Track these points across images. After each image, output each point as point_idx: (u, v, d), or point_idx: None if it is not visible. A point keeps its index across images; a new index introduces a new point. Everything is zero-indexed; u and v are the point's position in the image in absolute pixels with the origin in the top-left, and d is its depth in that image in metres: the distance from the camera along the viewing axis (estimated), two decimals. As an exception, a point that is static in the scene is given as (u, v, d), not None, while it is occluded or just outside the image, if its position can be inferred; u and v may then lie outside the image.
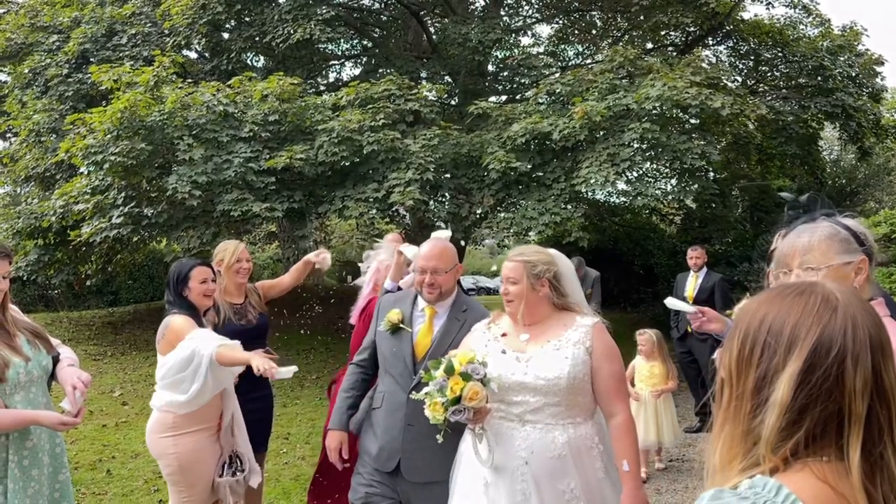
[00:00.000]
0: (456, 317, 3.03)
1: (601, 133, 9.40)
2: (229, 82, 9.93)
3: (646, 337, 5.61)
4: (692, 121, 10.12)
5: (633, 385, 5.54)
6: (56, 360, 2.79)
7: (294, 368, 3.15)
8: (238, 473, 3.42)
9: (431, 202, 10.16)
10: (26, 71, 11.96)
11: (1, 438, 2.46)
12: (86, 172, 9.83)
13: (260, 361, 3.05)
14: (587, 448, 2.51)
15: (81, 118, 9.34)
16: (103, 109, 8.90)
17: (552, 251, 2.72)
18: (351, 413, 3.11)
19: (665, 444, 5.63)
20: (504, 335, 2.67)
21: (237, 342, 3.30)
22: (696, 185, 10.28)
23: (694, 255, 7.16)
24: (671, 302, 2.85)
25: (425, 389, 2.44)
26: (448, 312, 3.04)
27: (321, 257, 4.43)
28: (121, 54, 11.44)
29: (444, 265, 2.98)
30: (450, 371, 2.39)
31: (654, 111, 9.06)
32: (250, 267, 4.17)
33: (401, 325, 3.01)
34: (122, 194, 9.55)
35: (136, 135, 8.76)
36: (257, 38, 11.70)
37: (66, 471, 2.75)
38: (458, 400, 2.34)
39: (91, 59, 11.47)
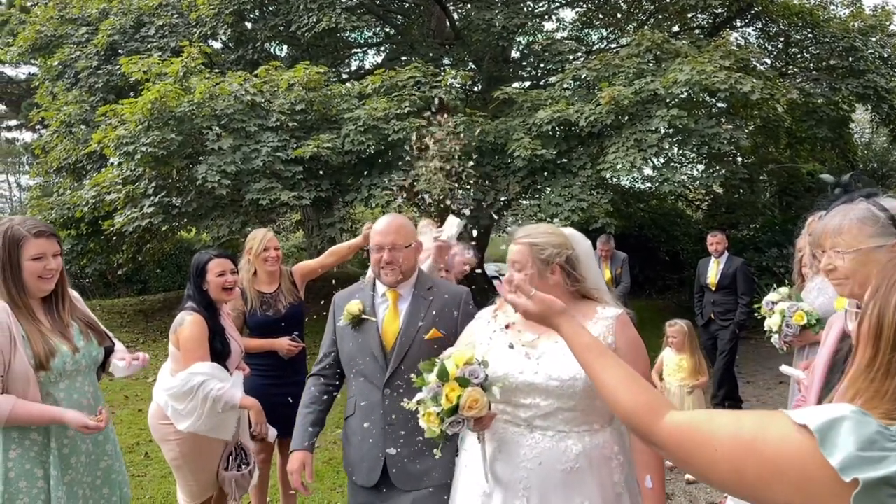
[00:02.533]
0: (422, 295, 2.73)
1: (627, 118, 9.32)
2: (256, 72, 10.01)
3: (677, 328, 5.27)
4: (720, 105, 9.98)
5: (661, 379, 5.28)
6: (109, 351, 2.82)
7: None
8: (243, 467, 3.42)
9: (457, 190, 10.17)
10: (56, 63, 12.16)
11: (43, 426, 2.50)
12: (117, 163, 10.00)
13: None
14: (605, 459, 2.17)
15: (113, 109, 9.49)
16: (134, 100, 9.03)
17: (568, 230, 2.35)
18: (314, 431, 2.74)
19: None
20: (509, 326, 2.31)
21: (231, 379, 3.33)
22: (723, 170, 10.17)
23: (714, 240, 7.07)
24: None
25: (418, 396, 2.12)
26: (412, 293, 2.74)
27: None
28: (149, 45, 11.58)
29: (403, 240, 2.68)
30: (443, 376, 2.06)
31: (681, 95, 8.95)
32: (279, 255, 4.16)
33: (363, 316, 2.71)
34: (153, 184, 9.71)
35: (166, 125, 8.88)
36: (282, 28, 11.75)
37: (109, 459, 2.74)
38: (455, 409, 2.03)
39: (120, 51, 11.63)
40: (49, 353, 2.50)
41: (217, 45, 13.32)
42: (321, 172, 9.58)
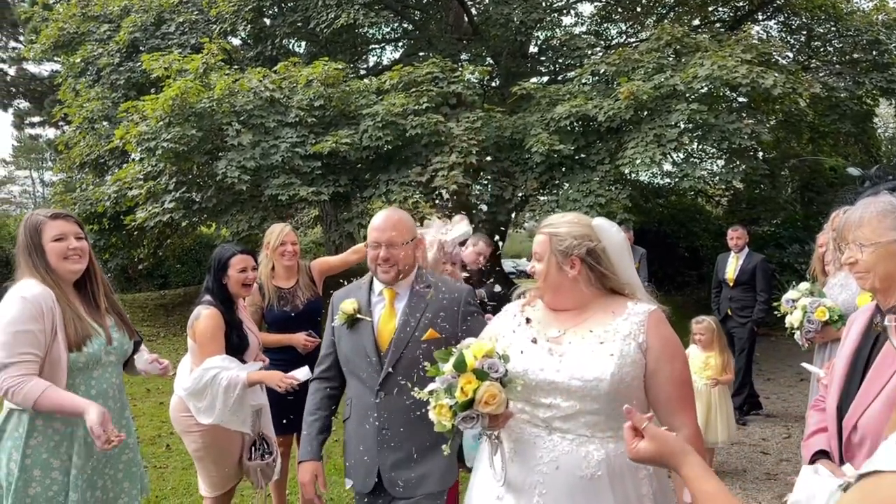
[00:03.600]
0: (420, 294, 2.59)
1: (646, 113, 9.25)
2: (275, 68, 10.07)
3: (705, 325, 5.10)
4: (741, 99, 9.87)
5: None
6: (137, 345, 2.85)
7: (305, 370, 3.29)
8: (267, 456, 3.45)
9: (474, 185, 10.19)
10: (79, 60, 12.32)
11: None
12: (138, 159, 10.12)
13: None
14: (632, 469, 1.96)
15: (135, 106, 9.60)
16: (155, 97, 9.12)
17: (597, 221, 2.15)
18: (322, 438, 2.65)
19: (719, 443, 5.15)
20: (530, 321, 2.17)
21: (252, 366, 3.37)
22: (744, 166, 10.06)
23: (735, 235, 6.97)
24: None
25: (430, 386, 1.98)
26: (409, 291, 2.61)
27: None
28: (169, 42, 11.69)
29: (401, 237, 2.53)
30: (460, 367, 1.93)
31: (702, 90, 8.87)
32: (296, 250, 4.16)
33: (358, 316, 2.59)
34: (174, 180, 9.81)
35: (187, 121, 8.96)
36: (300, 24, 11.80)
37: (131, 451, 2.77)
38: (469, 403, 1.89)
39: (141, 48, 11.76)
40: (84, 336, 2.54)
41: (236, 41, 13.42)
42: (339, 168, 9.63)
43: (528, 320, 2.18)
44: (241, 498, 4.61)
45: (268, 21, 12.71)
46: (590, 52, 11.96)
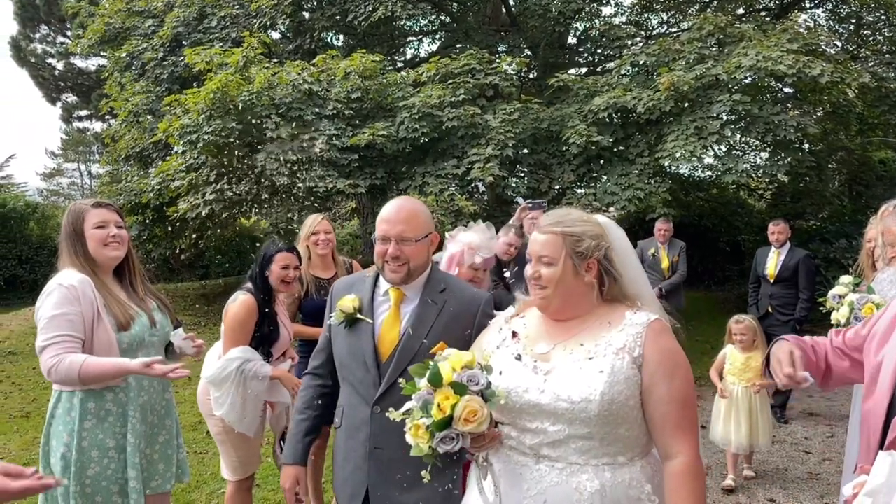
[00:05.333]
0: (431, 299, 2.27)
1: (687, 105, 9.07)
2: (313, 61, 10.16)
3: (745, 325, 4.86)
4: (786, 90, 9.61)
5: (721, 378, 4.95)
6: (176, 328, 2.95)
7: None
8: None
9: (511, 178, 10.14)
10: (124, 55, 12.62)
11: (120, 395, 2.62)
12: (180, 151, 10.33)
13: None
14: (632, 501, 1.77)
15: (177, 99, 9.80)
16: (197, 91, 9.29)
17: (602, 218, 1.97)
18: (308, 441, 2.40)
19: (759, 448, 4.99)
20: (516, 335, 1.95)
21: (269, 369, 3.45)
22: (789, 158, 9.80)
23: (776, 229, 6.76)
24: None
25: (406, 405, 1.75)
26: (420, 295, 2.29)
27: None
28: (211, 36, 11.89)
29: (414, 231, 2.21)
30: (436, 380, 1.70)
31: (745, 81, 8.66)
32: (329, 239, 4.22)
33: (358, 316, 2.29)
34: (214, 172, 9.99)
35: (227, 114, 9.11)
36: (338, 17, 11.88)
37: (168, 434, 2.84)
38: (448, 422, 1.67)
39: (183, 42, 11.98)
40: (127, 318, 2.63)
41: (276, 35, 13.57)
42: (376, 160, 9.68)
43: (514, 334, 1.96)
44: (257, 489, 4.70)
45: (307, 15, 12.83)
46: (630, 43, 11.77)
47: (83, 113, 29.36)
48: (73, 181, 49.31)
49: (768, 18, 12.09)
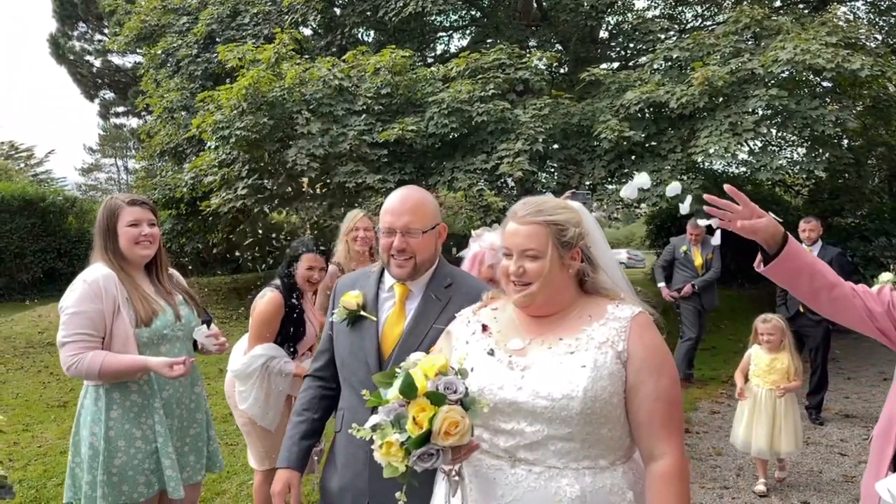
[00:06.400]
0: (435, 294, 2.15)
1: (722, 100, 8.92)
2: (344, 57, 10.21)
3: (772, 325, 4.66)
4: (825, 84, 9.39)
5: (745, 379, 4.75)
6: (206, 325, 2.97)
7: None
8: (321, 441, 3.60)
9: (540, 173, 10.07)
10: (159, 52, 12.83)
11: (144, 388, 2.67)
12: (213, 147, 10.48)
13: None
14: None
15: (210, 95, 9.93)
16: (230, 87, 9.41)
17: (575, 203, 1.83)
18: (305, 445, 2.25)
19: (783, 454, 4.69)
20: (486, 328, 1.81)
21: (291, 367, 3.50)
22: (827, 154, 9.58)
23: (807, 227, 6.54)
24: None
25: (373, 419, 1.59)
26: (424, 290, 2.17)
27: None
28: (244, 33, 12.03)
29: (421, 223, 2.09)
30: (409, 391, 1.52)
31: (782, 75, 8.47)
32: (368, 237, 4.26)
33: (361, 313, 2.17)
34: (246, 167, 10.12)
35: (259, 110, 9.21)
36: (369, 13, 11.92)
37: (198, 427, 2.85)
38: (426, 438, 1.49)
39: (217, 39, 12.14)
40: (151, 312, 2.68)
41: (307, 31, 13.67)
42: (405, 156, 9.70)
43: (484, 327, 1.81)
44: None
45: (338, 11, 12.90)
46: (663, 37, 11.61)
47: (120, 109, 29.99)
48: (110, 176, 50.48)
49: (806, 11, 11.80)
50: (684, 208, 2.66)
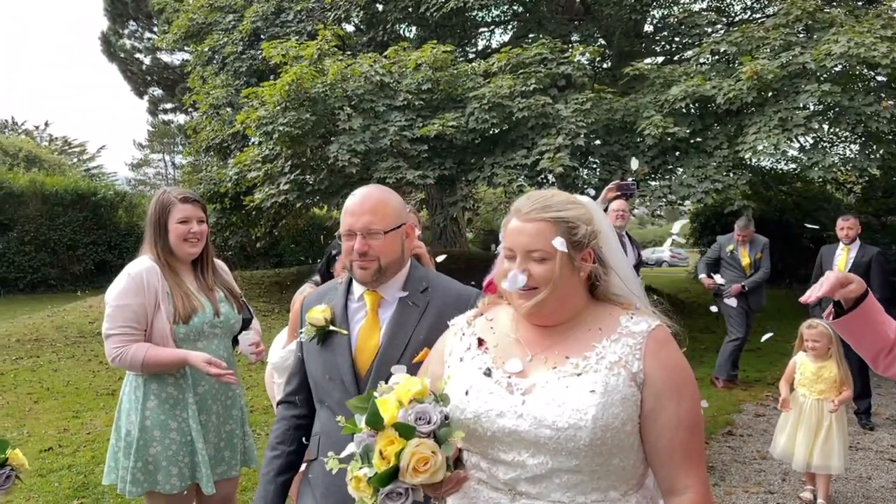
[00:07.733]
0: (412, 300, 2.00)
1: (771, 95, 8.67)
2: (385, 53, 10.26)
3: (819, 331, 4.37)
4: (880, 78, 9.05)
5: (791, 389, 4.49)
6: (247, 322, 3.03)
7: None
8: None
9: (581, 169, 9.96)
10: (206, 49, 13.10)
11: (180, 381, 2.73)
12: (257, 142, 10.65)
13: None
14: None
15: (254, 92, 10.09)
16: (273, 83, 9.54)
17: (585, 199, 1.61)
18: (285, 480, 2.08)
19: (829, 471, 4.37)
20: (482, 343, 1.60)
21: None
22: (882, 151, 9.25)
23: (846, 225, 6.33)
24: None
25: (348, 448, 1.43)
26: (399, 295, 2.02)
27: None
28: (287, 30, 12.19)
29: (382, 223, 1.94)
30: (375, 422, 1.37)
31: (835, 69, 8.20)
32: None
33: (330, 328, 2.02)
34: (289, 162, 10.26)
35: (302, 106, 9.31)
36: (411, 9, 11.93)
37: (234, 423, 2.90)
38: (393, 474, 1.34)
39: (262, 36, 12.34)
40: (191, 310, 2.74)
41: (349, 27, 13.77)
42: (445, 151, 9.70)
43: (480, 342, 1.60)
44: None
45: (380, 7, 12.95)
46: (710, 30, 11.35)
47: (168, 106, 30.72)
48: (158, 171, 51.85)
49: (860, 3, 11.39)
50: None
